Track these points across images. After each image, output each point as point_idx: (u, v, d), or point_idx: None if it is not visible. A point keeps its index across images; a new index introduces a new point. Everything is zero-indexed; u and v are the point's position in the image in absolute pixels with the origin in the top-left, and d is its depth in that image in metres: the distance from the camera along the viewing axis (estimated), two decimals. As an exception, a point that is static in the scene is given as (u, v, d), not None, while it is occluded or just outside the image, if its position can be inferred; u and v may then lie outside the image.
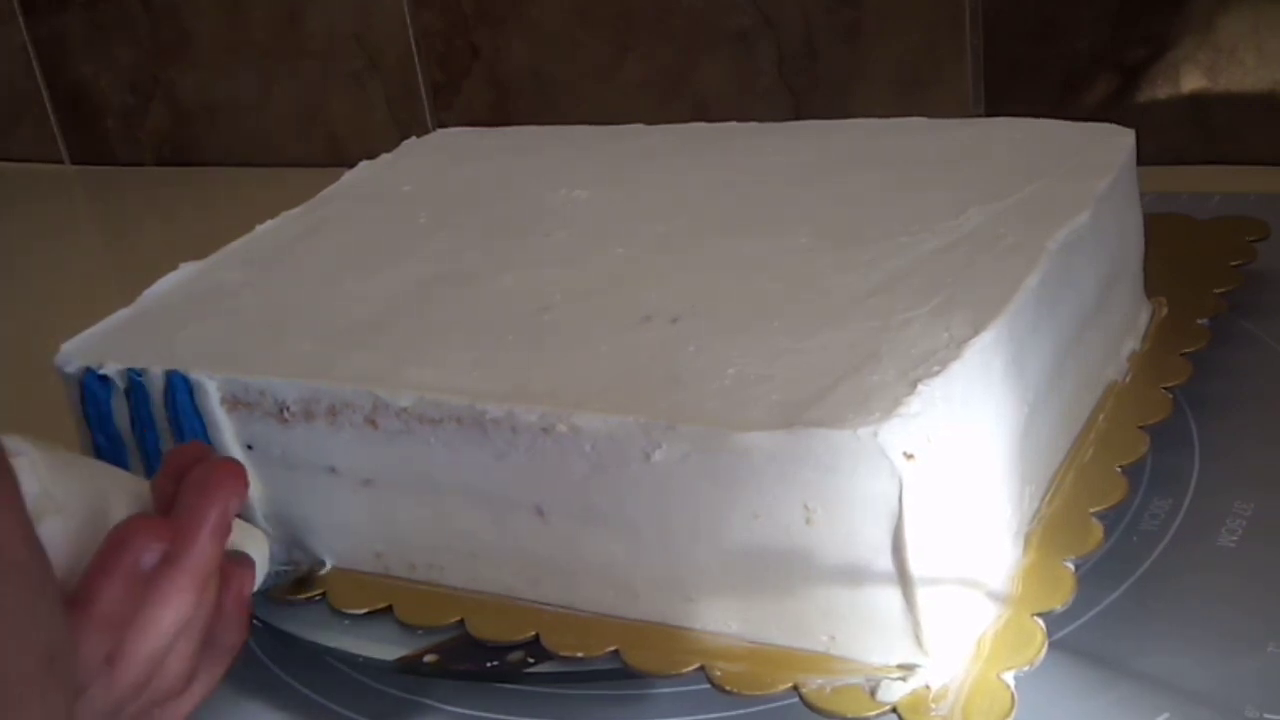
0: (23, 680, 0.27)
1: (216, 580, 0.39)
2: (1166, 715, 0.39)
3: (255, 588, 0.42)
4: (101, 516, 0.38)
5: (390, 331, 0.48)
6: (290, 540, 0.48)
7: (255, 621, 0.48)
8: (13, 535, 0.28)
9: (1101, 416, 0.49)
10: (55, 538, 0.36)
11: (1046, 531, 0.44)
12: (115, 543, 0.36)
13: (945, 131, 0.57)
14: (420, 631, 0.46)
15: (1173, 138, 0.77)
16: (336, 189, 0.64)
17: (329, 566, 0.48)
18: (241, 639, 0.41)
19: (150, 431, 0.49)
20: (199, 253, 0.58)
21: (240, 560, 0.41)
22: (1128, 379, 0.51)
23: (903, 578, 0.38)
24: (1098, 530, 0.43)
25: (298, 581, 0.48)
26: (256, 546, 0.43)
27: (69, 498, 0.37)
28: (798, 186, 0.54)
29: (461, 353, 0.46)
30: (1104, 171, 0.50)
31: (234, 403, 0.47)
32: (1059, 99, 0.79)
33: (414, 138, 0.68)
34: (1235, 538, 0.46)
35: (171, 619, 0.36)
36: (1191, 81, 0.76)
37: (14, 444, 0.36)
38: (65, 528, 0.37)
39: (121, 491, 0.40)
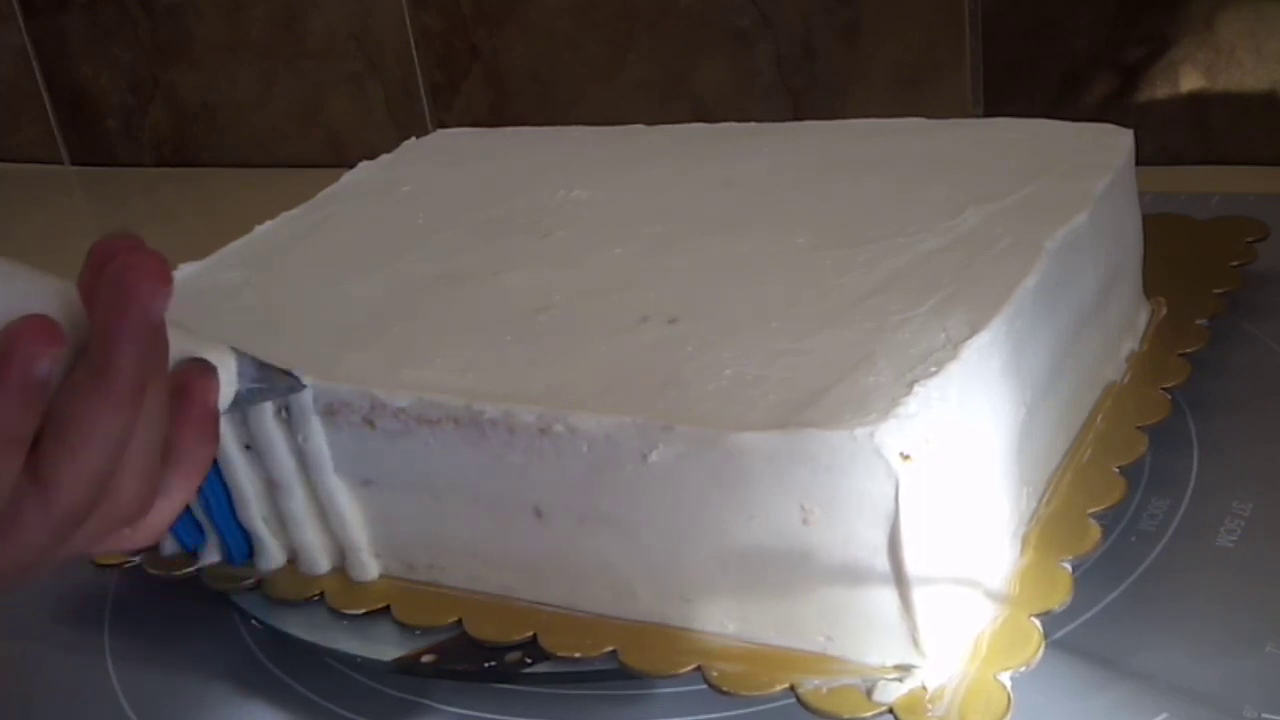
0: None
1: (164, 389, 0.35)
2: (1165, 715, 0.39)
3: (225, 403, 0.39)
4: (15, 316, 0.33)
5: (388, 332, 0.48)
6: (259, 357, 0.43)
7: (253, 621, 0.48)
8: None
9: (1100, 417, 0.49)
10: None
11: (1044, 532, 0.44)
12: (2, 351, 0.32)
13: (943, 132, 0.57)
14: (418, 632, 0.46)
15: (1171, 138, 0.77)
16: (335, 189, 0.64)
17: (307, 387, 0.45)
18: (210, 452, 0.37)
19: (149, 432, 0.49)
20: (199, 253, 0.58)
21: (201, 369, 0.38)
22: (1126, 379, 0.51)
23: (899, 578, 0.38)
24: (1096, 531, 0.43)
25: (276, 406, 0.45)
26: (219, 357, 0.39)
27: None
28: (796, 187, 0.55)
29: (459, 353, 0.46)
30: (1102, 172, 0.50)
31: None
32: (1058, 99, 0.79)
33: (413, 138, 0.68)
34: (1234, 538, 0.46)
35: (102, 436, 0.33)
36: (1190, 82, 0.76)
37: None
38: None
39: (41, 291, 0.35)
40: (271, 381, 0.43)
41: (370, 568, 0.48)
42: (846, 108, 0.83)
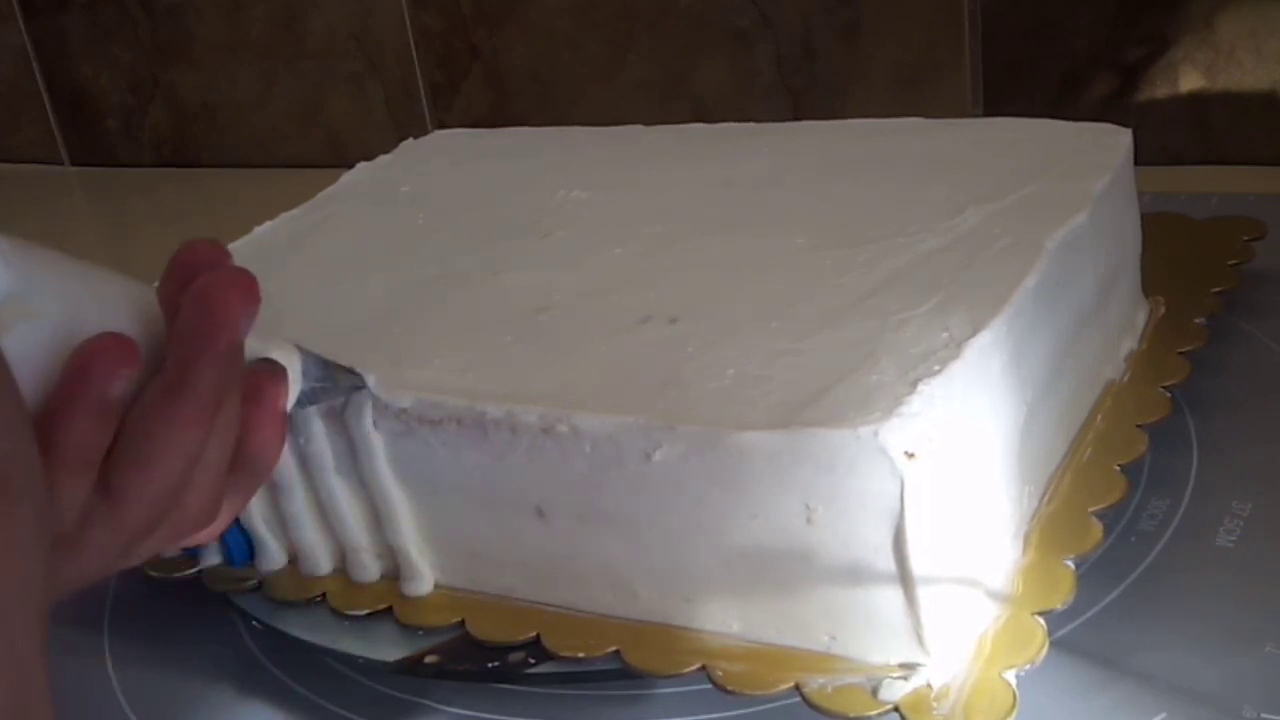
0: None
1: (237, 401, 0.34)
2: (1164, 715, 0.39)
3: (290, 403, 0.38)
4: (90, 324, 0.32)
5: (389, 332, 0.48)
6: (323, 355, 0.43)
7: (254, 623, 0.48)
8: None
9: (1100, 416, 0.49)
10: (26, 346, 0.30)
11: (1046, 530, 0.44)
12: (75, 370, 0.31)
13: (943, 131, 0.57)
14: (420, 632, 0.46)
15: (1171, 138, 0.77)
16: (334, 190, 0.64)
17: (371, 384, 0.44)
18: (276, 457, 0.37)
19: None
20: (199, 254, 0.58)
21: (272, 372, 0.37)
22: (1126, 378, 0.51)
23: (904, 577, 0.38)
24: (1097, 529, 0.43)
25: (336, 405, 0.44)
26: (286, 356, 0.39)
27: (47, 301, 0.32)
28: (796, 187, 0.55)
29: (460, 353, 0.46)
30: (1102, 171, 0.50)
31: (234, 404, 0.47)
32: (1057, 99, 0.79)
33: (411, 139, 0.69)
34: (1234, 537, 0.46)
35: (176, 455, 0.32)
36: (1190, 82, 0.76)
37: None
38: (40, 335, 0.31)
39: (118, 296, 0.34)
40: (334, 380, 0.43)
41: (371, 569, 0.48)
42: (846, 108, 0.83)
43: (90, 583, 0.33)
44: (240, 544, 0.49)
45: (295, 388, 0.39)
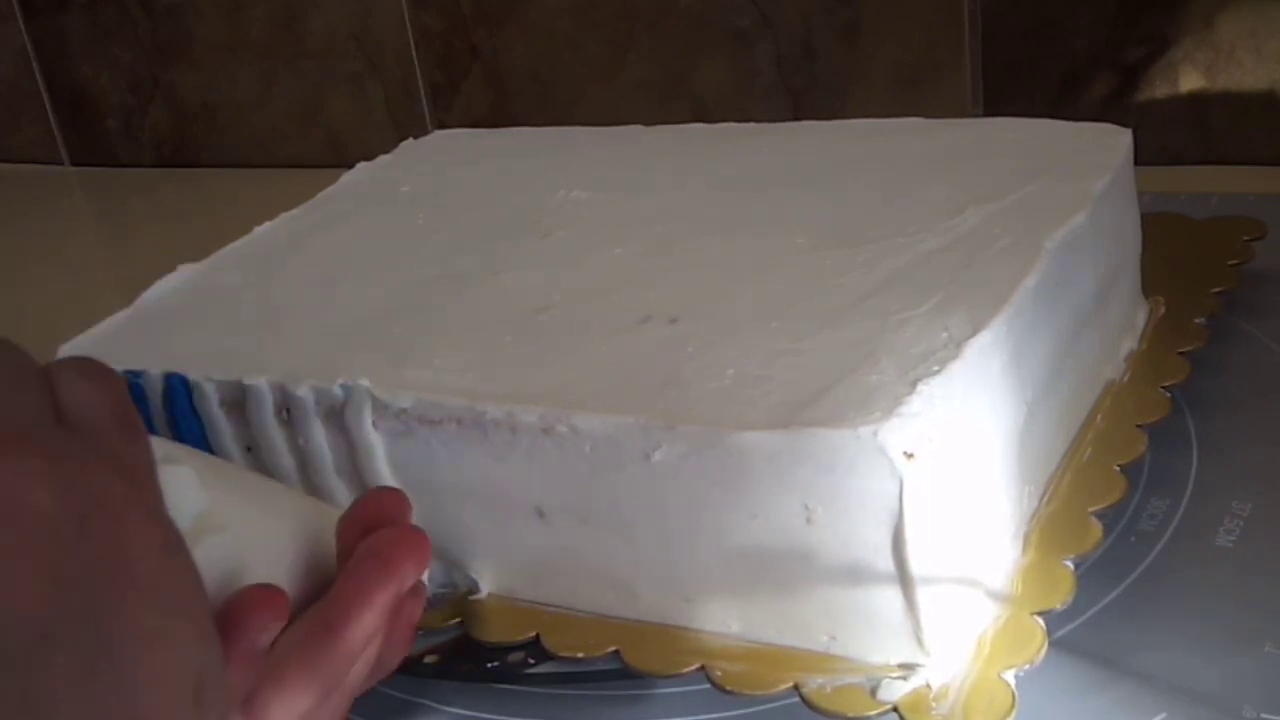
0: (161, 705, 0.25)
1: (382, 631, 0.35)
2: (1164, 715, 0.39)
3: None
4: (274, 540, 0.34)
5: (389, 333, 0.48)
6: (448, 562, 0.46)
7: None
8: (147, 551, 0.26)
9: (1100, 416, 0.49)
10: (215, 559, 0.32)
11: (1045, 530, 0.44)
12: (231, 617, 0.32)
13: (943, 132, 0.57)
14: (420, 632, 0.46)
15: (1171, 138, 0.77)
16: (334, 190, 0.64)
17: (484, 593, 0.46)
18: (401, 659, 0.37)
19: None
20: (198, 254, 0.58)
21: (416, 590, 0.37)
22: (1126, 378, 0.51)
23: (903, 577, 0.38)
24: (1097, 529, 0.43)
25: (452, 605, 0.46)
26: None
27: (234, 516, 0.34)
28: (796, 187, 0.55)
29: (460, 354, 0.46)
30: (1101, 171, 0.50)
31: (233, 404, 0.47)
32: (1057, 99, 0.79)
33: (411, 139, 0.69)
34: (1233, 537, 0.46)
35: (319, 686, 0.33)
36: (1190, 82, 0.76)
37: (170, 451, 0.33)
38: (227, 550, 0.33)
39: (300, 518, 0.36)
40: (455, 585, 0.45)
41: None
42: (846, 108, 0.83)
43: None
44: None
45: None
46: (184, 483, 0.32)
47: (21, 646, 0.23)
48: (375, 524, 0.36)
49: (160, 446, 0.30)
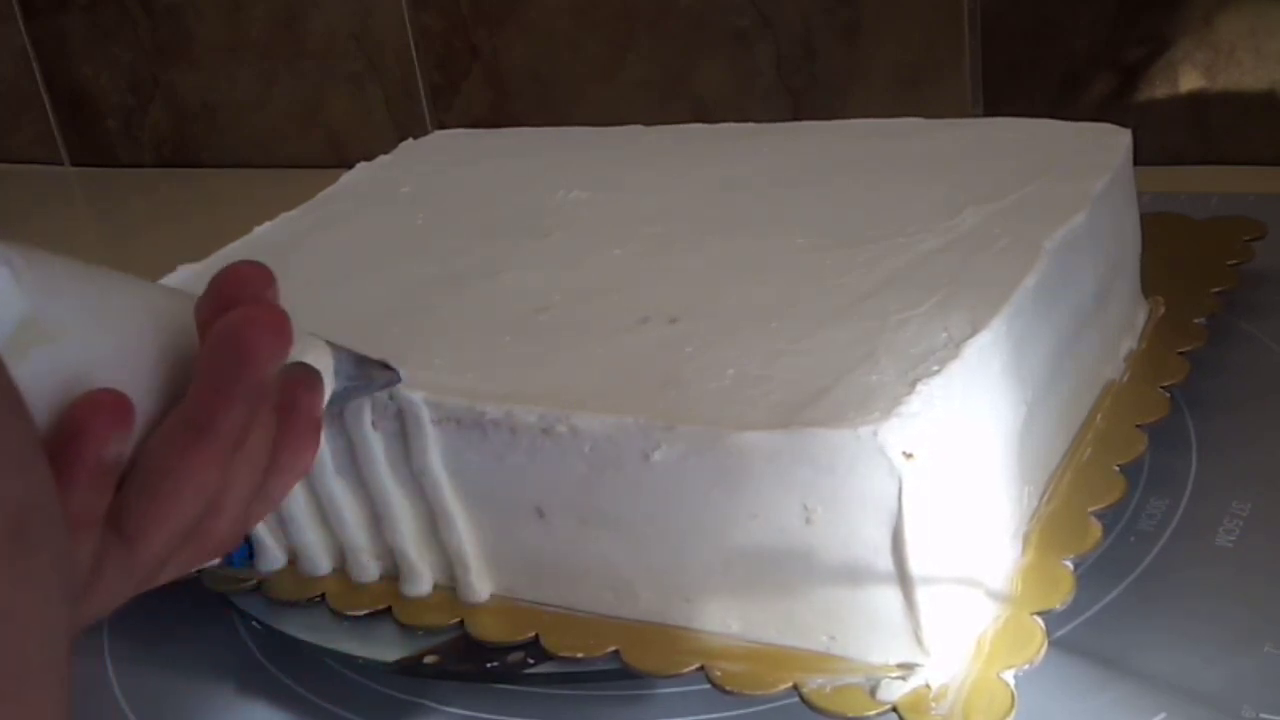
0: None
1: (265, 427, 0.33)
2: (1163, 715, 0.39)
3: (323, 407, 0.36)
4: (122, 344, 0.31)
5: (388, 333, 0.48)
6: (356, 352, 0.41)
7: (254, 623, 0.48)
8: None
9: (1099, 416, 0.49)
10: (44, 374, 0.28)
11: (1045, 530, 0.44)
12: (69, 432, 0.29)
13: (942, 132, 0.57)
14: (420, 633, 0.46)
15: (1170, 138, 0.77)
16: (334, 191, 0.64)
17: (403, 379, 0.42)
18: (312, 458, 0.35)
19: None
20: (198, 254, 0.58)
21: (308, 379, 0.35)
22: (1125, 378, 0.51)
23: (902, 577, 0.38)
24: (1096, 529, 0.43)
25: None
26: (319, 357, 0.37)
27: (70, 321, 0.30)
28: (796, 187, 0.55)
29: (460, 354, 0.46)
30: (1101, 171, 0.50)
31: (234, 404, 0.47)
32: (1057, 99, 0.79)
33: (410, 139, 0.69)
34: (1233, 537, 0.46)
35: (195, 492, 0.31)
36: (1189, 82, 0.76)
37: None
38: (59, 361, 0.29)
39: (153, 314, 0.32)
40: (369, 377, 0.41)
41: (371, 569, 0.48)
42: (846, 108, 0.83)
43: (107, 614, 0.31)
44: (240, 545, 0.49)
45: (329, 389, 0.37)
46: (3, 286, 0.28)
47: None
48: (233, 304, 0.32)
49: None
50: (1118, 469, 0.46)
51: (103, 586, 0.30)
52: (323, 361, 0.37)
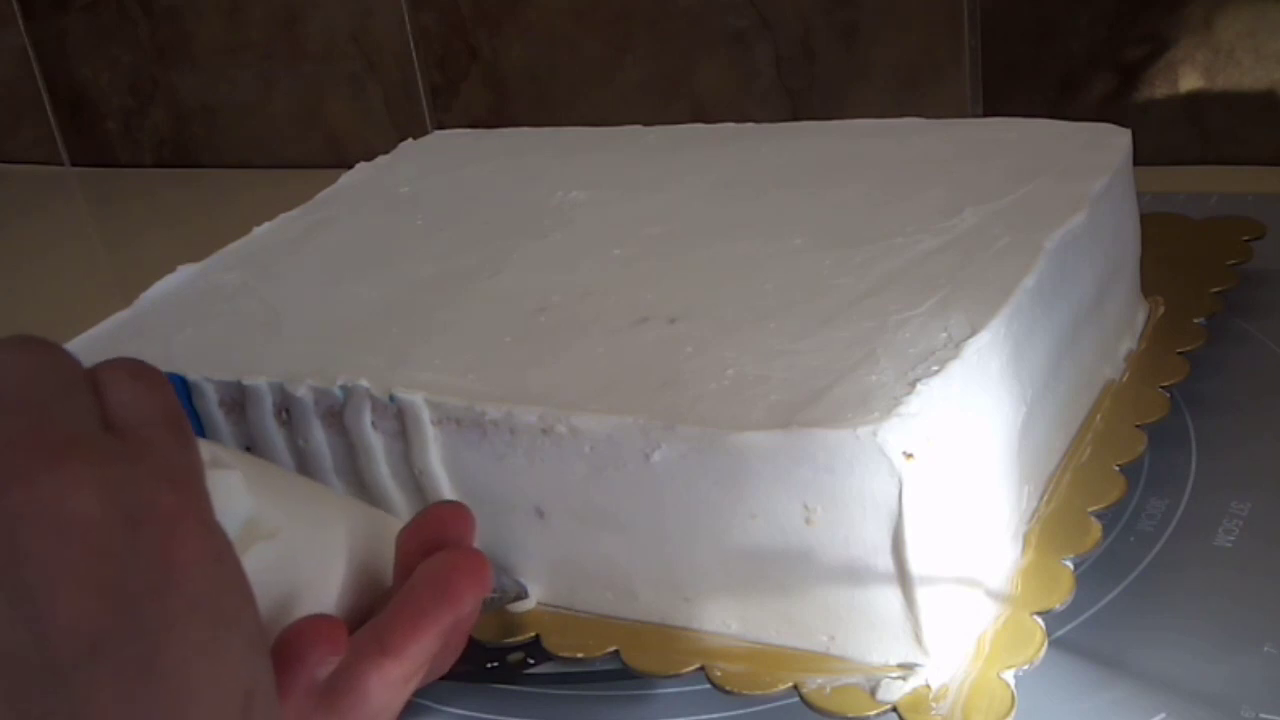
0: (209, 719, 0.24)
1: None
2: (1164, 714, 0.39)
3: None
4: (326, 548, 0.33)
5: (388, 333, 0.48)
6: (496, 566, 0.43)
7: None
8: (197, 560, 0.25)
9: (1099, 416, 0.49)
10: (266, 567, 0.31)
11: (1045, 530, 0.44)
12: (288, 651, 0.31)
13: (942, 132, 0.57)
14: (420, 632, 0.46)
15: (1170, 138, 0.77)
16: (333, 191, 0.64)
17: (531, 599, 0.45)
18: (453, 661, 0.37)
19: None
20: (199, 254, 0.58)
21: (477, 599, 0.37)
22: (1125, 378, 0.51)
23: (902, 577, 0.38)
24: (1096, 529, 0.43)
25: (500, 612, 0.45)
26: None
27: (284, 522, 0.32)
28: (795, 187, 0.55)
29: (459, 354, 0.46)
30: (1100, 172, 0.50)
31: (232, 405, 0.47)
32: (1057, 99, 0.79)
33: (409, 140, 0.69)
34: (1232, 537, 0.46)
35: (375, 702, 0.32)
36: (1189, 82, 0.76)
37: (219, 455, 0.31)
38: (278, 556, 0.32)
39: (352, 524, 0.35)
40: (504, 590, 0.43)
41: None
42: (846, 108, 0.83)
43: None
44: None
45: None
46: (232, 488, 0.31)
47: (70, 660, 0.23)
48: (437, 542, 0.35)
49: (208, 450, 0.29)
50: (1117, 469, 0.46)
51: None
52: None
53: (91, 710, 0.23)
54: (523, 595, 0.44)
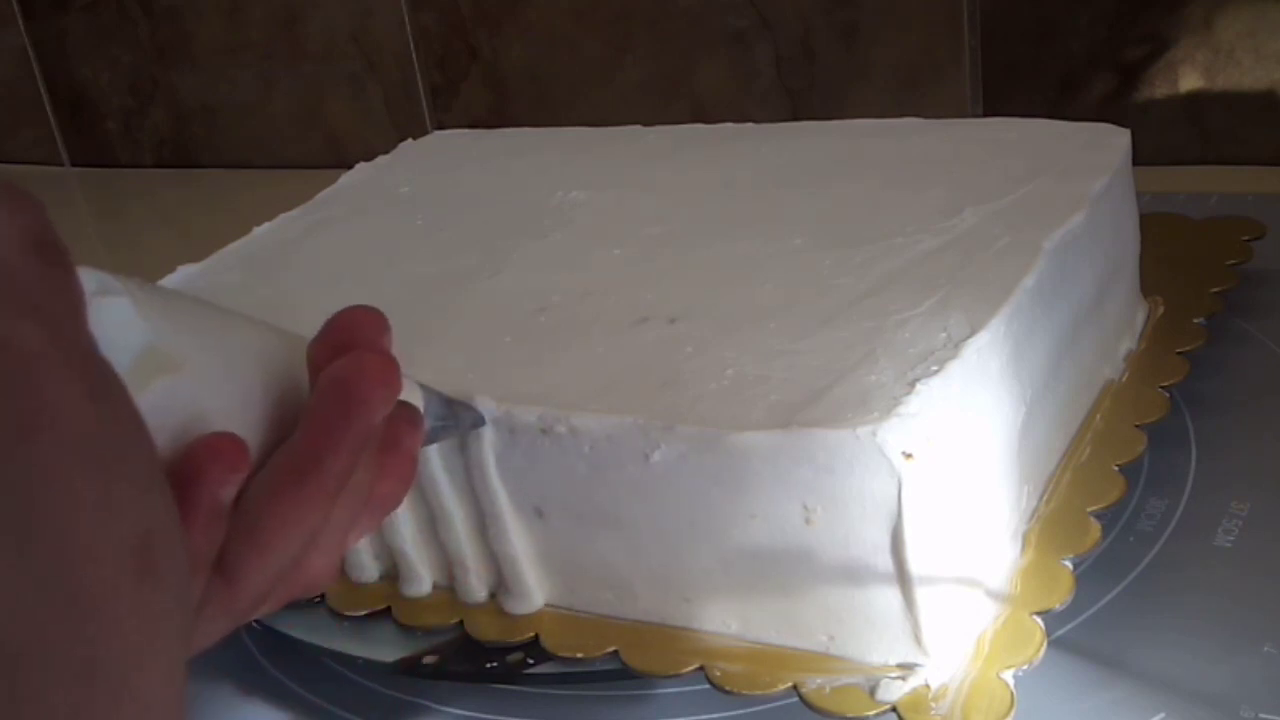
0: (101, 575, 0.22)
1: (366, 470, 0.32)
2: (1163, 714, 0.39)
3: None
4: (237, 378, 0.31)
5: (389, 333, 0.48)
6: (452, 394, 0.41)
7: (253, 624, 0.48)
8: (71, 401, 0.22)
9: (1098, 416, 0.49)
10: (166, 406, 0.28)
11: (1045, 530, 0.44)
12: (187, 474, 0.28)
13: (941, 132, 0.57)
14: (419, 633, 0.46)
15: (1169, 138, 0.77)
16: (333, 191, 0.64)
17: (488, 424, 0.43)
18: (405, 492, 0.35)
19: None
20: (199, 254, 0.58)
21: (410, 419, 0.35)
22: (1124, 378, 0.51)
23: (902, 577, 0.38)
24: (1096, 529, 0.43)
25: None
26: (412, 397, 0.37)
27: (189, 354, 0.29)
28: (795, 187, 0.55)
29: (459, 354, 0.46)
30: (1100, 172, 0.50)
31: (233, 404, 0.47)
32: (1057, 99, 0.79)
33: (409, 140, 0.69)
34: (1232, 537, 0.46)
35: (297, 534, 0.30)
36: (1189, 82, 0.76)
37: (106, 282, 0.28)
38: (180, 392, 0.29)
39: (266, 351, 0.32)
40: (456, 418, 0.41)
41: (370, 569, 0.48)
42: (845, 108, 0.84)
43: (200, 653, 0.30)
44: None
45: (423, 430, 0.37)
46: (122, 317, 0.28)
47: None
48: (347, 348, 0.32)
49: (94, 278, 0.27)
50: (1117, 469, 0.46)
51: (204, 623, 0.30)
52: (415, 401, 0.37)
53: None
54: (479, 423, 0.42)
